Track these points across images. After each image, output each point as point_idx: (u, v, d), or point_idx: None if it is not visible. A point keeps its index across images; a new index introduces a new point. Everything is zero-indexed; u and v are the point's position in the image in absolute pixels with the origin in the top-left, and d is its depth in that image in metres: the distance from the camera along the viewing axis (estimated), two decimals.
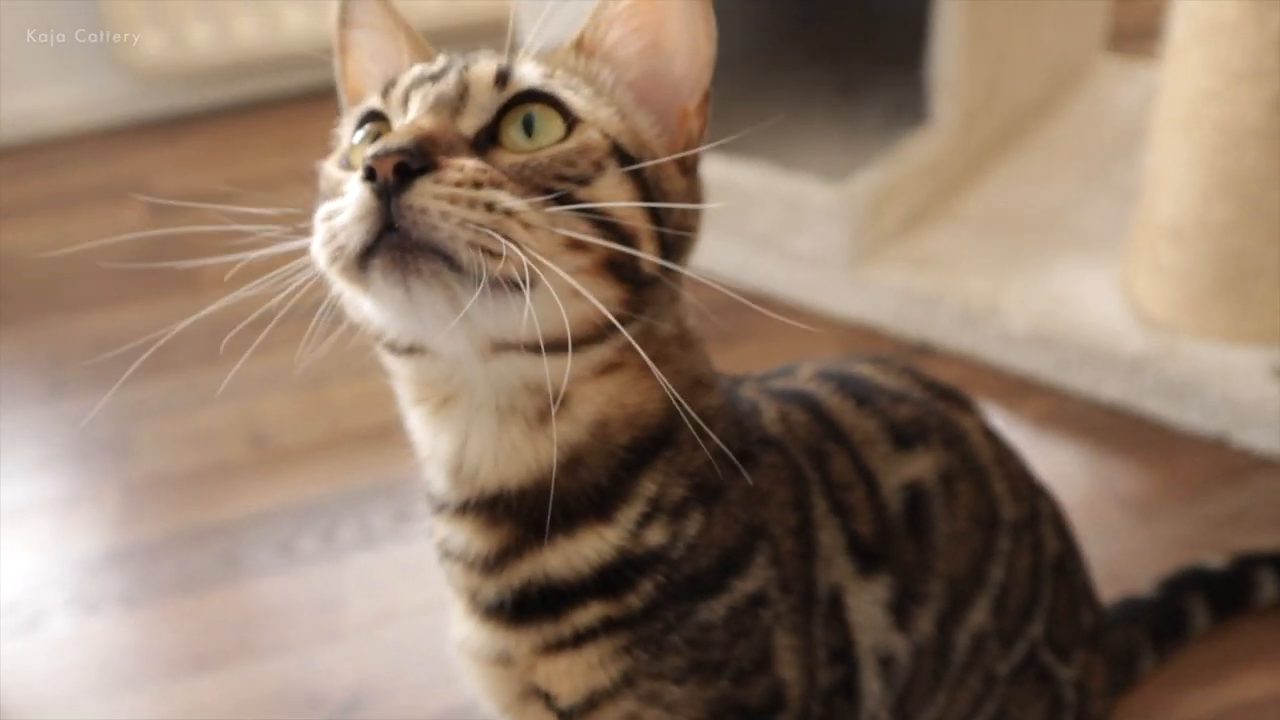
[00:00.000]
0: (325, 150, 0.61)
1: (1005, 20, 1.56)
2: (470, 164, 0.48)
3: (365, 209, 0.47)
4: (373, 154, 0.47)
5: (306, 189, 0.58)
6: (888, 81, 1.79)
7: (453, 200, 0.47)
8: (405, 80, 0.54)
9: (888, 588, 0.66)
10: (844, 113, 1.74)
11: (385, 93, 0.55)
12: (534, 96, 0.53)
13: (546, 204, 0.49)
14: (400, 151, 0.47)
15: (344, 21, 0.62)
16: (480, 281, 0.47)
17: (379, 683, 1.03)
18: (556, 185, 0.50)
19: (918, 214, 1.54)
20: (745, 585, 0.59)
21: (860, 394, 0.70)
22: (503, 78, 0.53)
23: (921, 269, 1.44)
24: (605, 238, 0.51)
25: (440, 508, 0.61)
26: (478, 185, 0.48)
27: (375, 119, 0.55)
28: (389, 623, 1.09)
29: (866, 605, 0.65)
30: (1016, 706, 0.74)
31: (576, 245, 0.50)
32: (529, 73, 0.54)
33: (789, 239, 1.48)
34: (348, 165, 0.56)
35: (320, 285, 0.53)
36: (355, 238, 0.48)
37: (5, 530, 1.26)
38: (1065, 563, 0.78)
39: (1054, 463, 1.24)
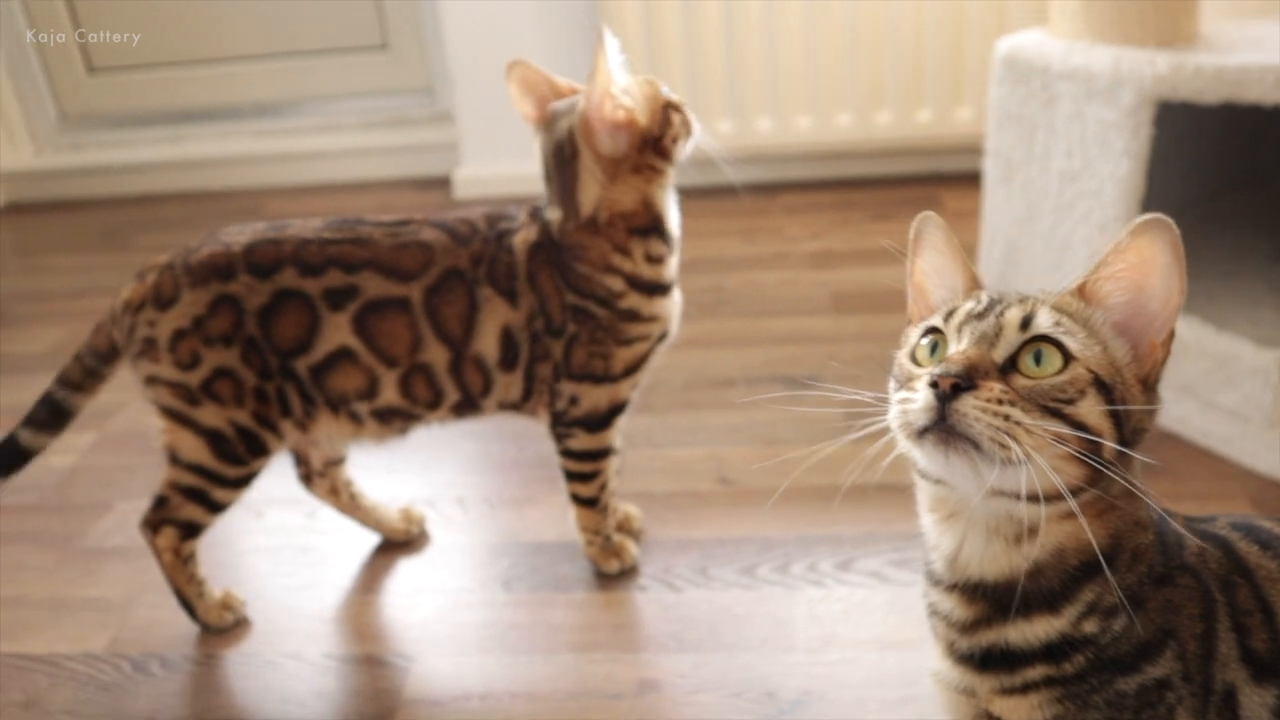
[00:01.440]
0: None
1: None
2: (997, 387, 0.74)
3: (928, 405, 0.74)
4: (939, 373, 0.74)
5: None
6: None
7: (984, 411, 0.73)
8: (960, 314, 0.80)
9: (1276, 697, 0.83)
10: (1277, 277, 1.84)
11: (946, 318, 0.81)
12: (1044, 339, 0.77)
13: (1042, 416, 0.74)
14: (956, 375, 0.74)
15: (916, 239, 0.88)
16: (994, 461, 0.73)
17: (821, 692, 1.29)
18: (1050, 404, 0.75)
19: None
20: (1154, 671, 0.80)
21: (1264, 541, 0.89)
22: (1026, 322, 0.78)
23: None
24: (1079, 440, 0.74)
25: (936, 582, 0.86)
26: (1000, 402, 0.73)
27: (935, 332, 0.82)
28: (830, 647, 1.35)
29: (1256, 706, 0.83)
30: None
31: (1058, 440, 0.74)
32: (1044, 320, 0.78)
33: (1212, 391, 1.62)
34: (913, 359, 0.82)
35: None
36: (919, 421, 0.75)
37: (538, 514, 1.65)
38: None
39: None
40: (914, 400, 0.75)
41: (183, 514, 1.41)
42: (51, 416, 1.40)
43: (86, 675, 1.43)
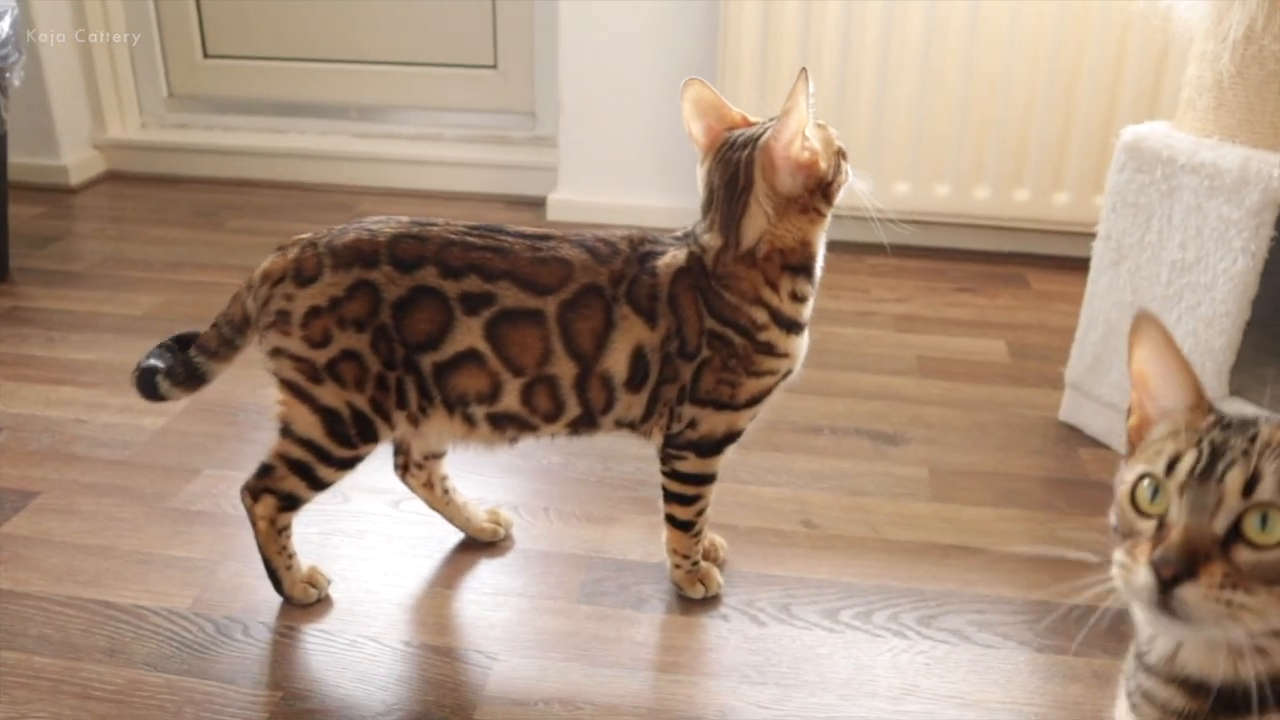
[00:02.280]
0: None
1: None
2: (1220, 572, 0.73)
3: (1147, 584, 0.75)
4: (1159, 560, 0.74)
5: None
6: None
7: (1205, 599, 0.73)
8: (1182, 472, 0.77)
9: None
10: None
11: (1168, 470, 0.79)
12: (1271, 505, 0.74)
13: (1268, 591, 0.73)
14: (1176, 565, 0.73)
15: (1133, 334, 0.86)
16: (1217, 634, 0.74)
17: None
18: (1276, 577, 0.73)
19: None
20: None
21: None
22: (1249, 488, 0.75)
23: None
24: None
25: (1152, 672, 0.85)
26: (1222, 588, 0.73)
27: (1153, 477, 0.80)
28: (911, 697, 1.35)
29: None
30: None
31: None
32: (1268, 487, 0.74)
33: None
34: (1133, 502, 0.81)
35: None
36: (1138, 596, 0.76)
37: (624, 534, 1.67)
38: None
39: None
40: (1135, 574, 0.76)
41: (285, 485, 1.44)
42: (188, 376, 1.45)
43: (170, 631, 1.45)
